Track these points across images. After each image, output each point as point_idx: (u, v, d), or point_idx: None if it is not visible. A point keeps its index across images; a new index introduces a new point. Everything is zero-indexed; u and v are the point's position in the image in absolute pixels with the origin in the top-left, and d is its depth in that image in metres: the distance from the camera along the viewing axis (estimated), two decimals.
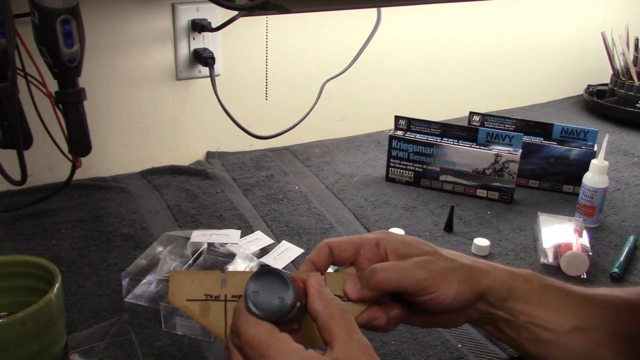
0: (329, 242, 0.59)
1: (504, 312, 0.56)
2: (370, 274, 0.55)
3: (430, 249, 0.57)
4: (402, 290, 0.55)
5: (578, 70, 1.71)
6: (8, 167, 0.92)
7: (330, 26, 1.28)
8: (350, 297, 0.56)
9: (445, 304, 0.54)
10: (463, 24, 1.46)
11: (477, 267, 0.56)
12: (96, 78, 1.08)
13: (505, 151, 1.07)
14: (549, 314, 0.55)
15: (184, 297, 0.55)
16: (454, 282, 0.54)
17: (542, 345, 0.56)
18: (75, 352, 0.67)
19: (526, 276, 0.57)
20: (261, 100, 1.25)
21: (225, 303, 0.55)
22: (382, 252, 0.58)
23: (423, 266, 0.54)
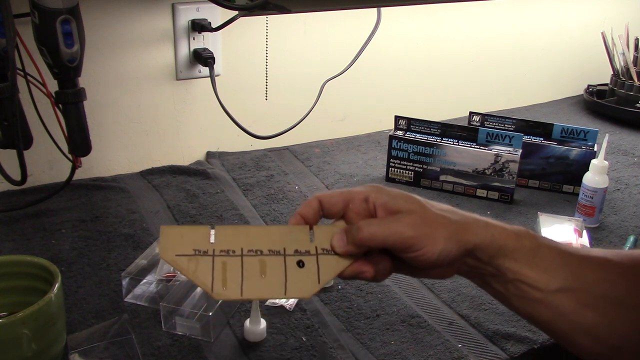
0: (319, 195, 0.59)
1: (492, 268, 0.56)
2: (356, 231, 0.55)
3: (419, 204, 0.56)
4: (388, 247, 0.55)
5: (578, 70, 1.71)
6: (8, 167, 0.92)
7: (330, 26, 1.28)
8: (337, 252, 0.57)
9: (430, 261, 0.54)
10: (463, 24, 1.46)
11: (466, 224, 0.56)
12: (96, 78, 1.08)
13: (505, 151, 1.07)
14: (537, 272, 0.55)
15: (173, 252, 0.55)
16: (440, 239, 0.54)
17: (529, 303, 0.56)
18: (75, 352, 0.67)
19: (518, 234, 0.57)
20: (261, 100, 1.25)
21: (213, 258, 0.55)
22: (371, 207, 0.58)
23: (409, 224, 0.54)
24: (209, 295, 0.54)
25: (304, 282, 0.56)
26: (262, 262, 0.56)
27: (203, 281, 0.54)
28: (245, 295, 0.54)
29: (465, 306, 0.81)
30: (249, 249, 0.56)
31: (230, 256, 0.56)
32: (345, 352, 0.72)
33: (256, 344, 0.72)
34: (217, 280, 0.54)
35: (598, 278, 0.56)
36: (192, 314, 0.73)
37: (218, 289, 0.54)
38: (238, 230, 0.58)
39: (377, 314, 0.79)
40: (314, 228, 0.59)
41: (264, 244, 0.57)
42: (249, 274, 0.55)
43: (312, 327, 0.76)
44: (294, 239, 0.58)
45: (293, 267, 0.56)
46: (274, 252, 0.57)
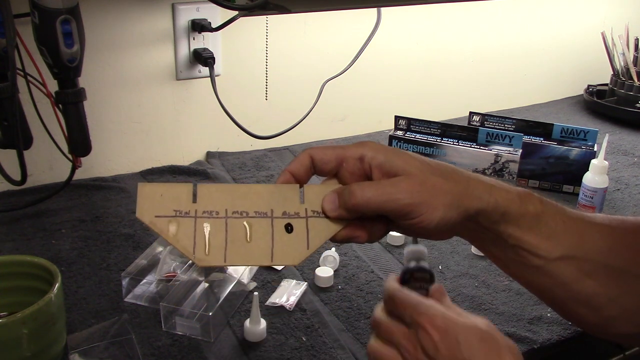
0: (310, 151, 0.55)
1: (493, 234, 0.54)
2: (349, 195, 0.51)
3: (418, 166, 0.52)
4: (383, 213, 0.52)
5: (578, 70, 1.71)
6: (8, 167, 0.92)
7: (330, 26, 1.28)
8: (328, 215, 0.53)
9: (428, 229, 0.51)
10: (463, 24, 1.46)
11: (468, 190, 0.52)
12: (96, 78, 1.08)
13: (505, 151, 1.07)
14: (539, 239, 0.53)
15: (152, 213, 0.51)
16: (439, 207, 0.50)
17: (527, 269, 0.54)
18: (75, 352, 0.67)
19: (523, 198, 0.54)
20: (261, 100, 1.25)
21: (195, 220, 0.51)
22: (367, 167, 0.54)
23: (407, 189, 0.50)
24: (191, 260, 0.51)
25: (292, 247, 0.52)
26: (247, 225, 0.52)
27: (184, 245, 0.50)
28: (229, 262, 0.51)
29: (465, 306, 0.81)
30: (234, 210, 0.52)
31: (214, 218, 0.52)
32: (345, 352, 0.72)
33: (256, 344, 0.72)
34: (199, 244, 0.51)
35: (601, 247, 0.54)
36: (192, 314, 0.73)
37: (200, 254, 0.50)
38: (222, 189, 0.54)
39: None
40: (304, 187, 0.54)
41: (250, 204, 0.53)
42: (233, 238, 0.51)
43: (312, 327, 0.76)
44: (283, 199, 0.54)
45: (281, 231, 0.52)
46: (261, 214, 0.53)
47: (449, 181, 0.52)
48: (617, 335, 0.56)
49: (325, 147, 0.55)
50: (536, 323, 0.78)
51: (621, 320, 0.54)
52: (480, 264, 0.91)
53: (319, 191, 0.54)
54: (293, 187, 0.54)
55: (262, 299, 0.79)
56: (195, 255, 0.50)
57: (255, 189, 0.54)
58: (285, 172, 0.55)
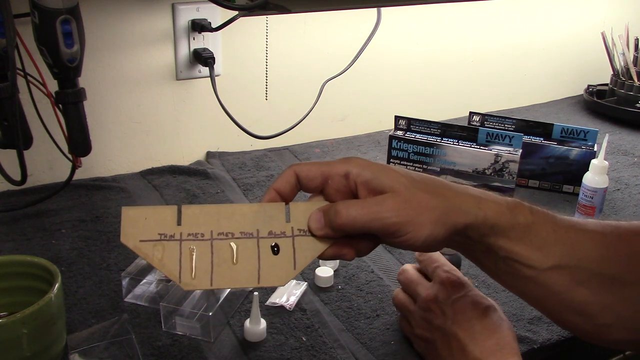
0: (295, 168, 0.55)
1: (483, 246, 0.53)
2: (334, 214, 0.51)
3: (404, 183, 0.51)
4: (369, 232, 0.51)
5: (578, 70, 1.71)
6: (8, 167, 0.92)
7: (330, 26, 1.28)
8: (314, 234, 0.53)
9: (416, 246, 0.51)
10: (463, 24, 1.46)
11: (455, 205, 0.52)
12: (96, 78, 1.08)
13: (505, 151, 1.07)
14: (530, 250, 0.52)
15: (136, 237, 0.50)
16: (426, 224, 0.50)
17: (519, 280, 0.54)
18: (75, 352, 0.67)
19: (513, 209, 0.53)
20: (261, 100, 1.25)
21: (181, 243, 0.51)
22: (352, 185, 0.53)
23: (392, 207, 0.50)
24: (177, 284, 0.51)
25: (279, 268, 0.52)
26: (233, 246, 0.52)
27: (170, 270, 0.50)
28: (215, 285, 0.51)
29: None
30: (220, 232, 0.52)
31: (199, 240, 0.51)
32: (345, 352, 0.72)
33: (256, 344, 0.72)
34: (185, 268, 0.50)
35: (594, 255, 0.53)
36: (192, 314, 0.73)
37: (186, 279, 0.50)
38: (207, 210, 0.53)
39: (377, 314, 0.79)
40: (290, 205, 0.54)
41: (235, 225, 0.52)
42: (219, 261, 0.51)
43: (312, 327, 0.76)
44: (268, 218, 0.53)
45: (267, 251, 0.52)
46: (247, 235, 0.52)
47: (436, 197, 0.51)
48: (612, 342, 0.56)
49: (311, 164, 0.55)
50: (536, 323, 0.78)
51: (616, 327, 0.54)
52: None
53: (305, 209, 0.54)
54: (278, 206, 0.54)
55: (262, 299, 0.79)
56: (182, 280, 0.50)
57: (240, 209, 0.54)
58: (271, 189, 0.55)
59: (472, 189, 0.54)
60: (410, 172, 0.53)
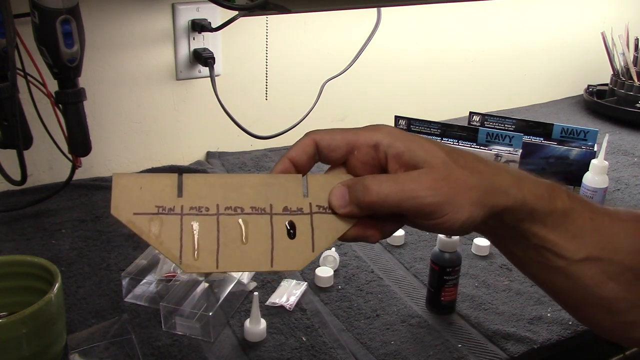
0: (315, 135, 0.48)
1: (516, 232, 0.48)
2: (363, 191, 0.45)
3: (442, 157, 0.45)
4: (400, 212, 0.45)
5: (578, 70, 1.71)
6: (8, 167, 0.92)
7: (330, 26, 1.28)
8: (336, 211, 0.47)
9: (452, 230, 0.45)
10: (463, 24, 1.46)
11: (495, 184, 0.46)
12: (96, 78, 1.08)
13: (505, 151, 1.07)
14: (564, 239, 0.48)
15: (130, 210, 0.44)
16: (465, 205, 0.44)
17: (548, 271, 0.49)
18: (75, 352, 0.67)
19: (552, 193, 0.48)
20: (261, 100, 1.25)
21: (182, 217, 0.44)
22: (382, 157, 0.47)
23: (429, 185, 0.44)
24: (177, 266, 0.44)
25: (295, 250, 0.45)
26: (243, 224, 0.45)
27: (169, 248, 0.43)
28: (222, 267, 0.44)
29: (465, 306, 0.81)
30: (227, 206, 0.46)
31: (203, 215, 0.45)
32: (345, 352, 0.72)
33: (256, 344, 0.72)
34: (186, 247, 0.44)
35: (628, 247, 0.49)
36: (192, 314, 0.73)
37: (188, 260, 0.44)
38: (213, 180, 0.46)
39: (377, 314, 0.79)
40: (307, 178, 0.48)
41: (245, 199, 0.46)
42: (226, 240, 0.45)
43: (312, 327, 0.76)
44: (283, 192, 0.47)
45: (282, 230, 0.46)
46: (259, 210, 0.46)
47: (475, 174, 0.45)
48: (636, 340, 0.52)
49: (333, 131, 0.48)
50: (536, 323, 0.78)
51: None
52: (480, 264, 0.91)
53: (325, 183, 0.47)
54: (295, 178, 0.47)
55: (262, 299, 0.79)
56: (183, 261, 0.43)
57: (251, 180, 0.47)
58: (285, 159, 0.48)
59: (510, 167, 0.49)
60: (448, 145, 0.47)
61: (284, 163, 0.48)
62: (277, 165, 0.48)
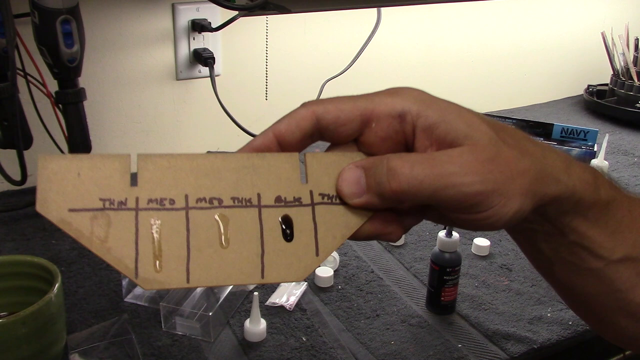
0: (316, 109, 0.36)
1: (553, 227, 0.39)
2: (388, 176, 0.34)
3: (487, 132, 0.35)
4: (436, 204, 0.35)
5: (578, 70, 1.71)
6: (8, 167, 0.92)
7: (330, 26, 1.28)
8: (347, 201, 0.35)
9: (495, 227, 0.35)
10: (463, 24, 1.46)
11: (547, 169, 0.36)
12: (96, 78, 1.08)
13: None
14: (604, 235, 0.39)
15: (63, 205, 0.32)
16: (515, 195, 0.34)
17: (580, 272, 0.41)
18: (75, 352, 0.67)
19: (596, 180, 0.39)
20: (261, 100, 1.25)
21: (137, 214, 0.33)
22: (408, 130, 0.36)
23: (477, 170, 0.33)
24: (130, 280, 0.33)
25: (293, 254, 0.34)
26: (222, 221, 0.34)
27: (120, 257, 0.32)
28: (194, 281, 0.32)
29: (465, 306, 0.81)
30: (199, 197, 0.34)
31: (167, 210, 0.33)
32: (345, 352, 0.72)
33: (256, 344, 0.72)
34: (144, 255, 0.32)
35: None
36: (192, 314, 0.73)
37: (147, 272, 0.32)
38: (179, 162, 0.35)
39: (377, 314, 0.79)
40: (306, 157, 0.37)
41: (224, 186, 0.34)
42: (200, 243, 0.33)
43: (312, 327, 0.76)
44: (275, 176, 0.35)
45: (274, 228, 0.34)
46: (242, 202, 0.34)
47: (525, 156, 0.35)
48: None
49: (339, 100, 0.37)
50: (536, 323, 0.78)
51: None
52: (480, 264, 0.91)
53: (330, 164, 0.36)
54: (289, 158, 0.36)
55: (262, 299, 0.79)
56: (139, 274, 0.32)
57: (230, 161, 0.36)
58: (268, 133, 0.36)
59: (553, 146, 0.40)
60: (484, 115, 0.37)
61: (265, 138, 0.36)
62: (255, 140, 0.36)
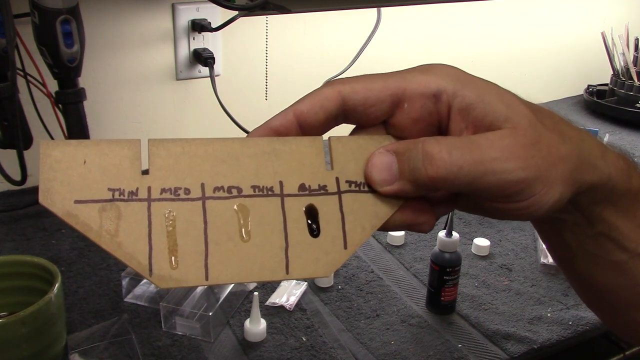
0: (342, 88, 0.34)
1: (583, 217, 0.37)
2: (424, 161, 0.31)
3: (527, 115, 0.33)
4: (474, 191, 0.32)
5: (578, 70, 1.71)
6: (8, 167, 0.92)
7: (330, 26, 1.28)
8: (377, 189, 0.33)
9: (535, 216, 0.33)
10: (463, 23, 1.46)
11: (585, 155, 0.34)
12: (96, 78, 1.08)
13: None
14: (631, 227, 0.37)
15: (69, 196, 0.30)
16: (557, 182, 0.32)
17: (603, 265, 0.39)
18: (75, 352, 0.67)
19: (629, 167, 0.37)
20: (261, 100, 1.25)
21: (150, 205, 0.30)
22: (443, 111, 0.33)
23: (519, 155, 0.31)
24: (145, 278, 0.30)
25: (319, 247, 0.32)
26: (241, 212, 0.31)
27: (132, 253, 0.30)
28: (213, 278, 0.30)
29: (465, 306, 0.81)
30: (217, 186, 0.31)
31: (182, 200, 0.31)
32: (345, 352, 0.72)
33: (256, 344, 0.72)
34: (158, 250, 0.30)
35: None
36: (192, 314, 0.73)
37: (162, 269, 0.30)
38: (194, 148, 0.32)
39: (377, 314, 0.79)
40: (331, 141, 0.34)
41: (243, 174, 0.32)
42: (218, 236, 0.31)
43: (312, 327, 0.76)
44: (297, 162, 0.33)
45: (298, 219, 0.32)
46: (264, 191, 0.32)
47: (566, 140, 0.33)
48: None
49: (368, 78, 0.35)
50: (536, 323, 0.78)
51: None
52: (480, 264, 0.91)
53: (357, 148, 0.34)
54: (313, 142, 0.34)
55: (262, 299, 0.79)
56: (154, 271, 0.29)
57: (250, 146, 0.33)
58: (288, 112, 0.34)
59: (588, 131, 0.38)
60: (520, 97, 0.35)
61: (284, 118, 0.34)
62: (273, 120, 0.34)
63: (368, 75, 0.35)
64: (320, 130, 0.35)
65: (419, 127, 0.34)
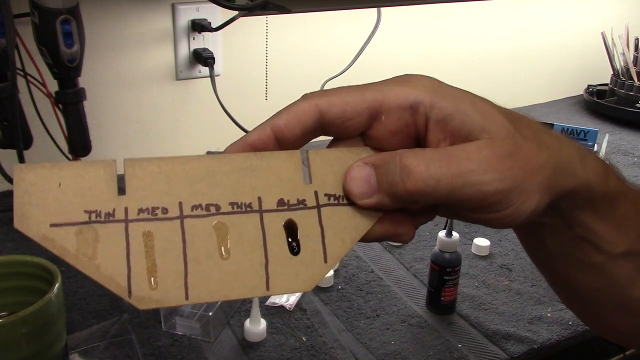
0: (320, 102, 0.34)
1: (563, 221, 0.38)
2: (402, 174, 0.31)
3: (504, 124, 0.33)
4: (453, 203, 0.32)
5: (578, 70, 1.71)
6: (8, 167, 0.92)
7: (330, 26, 1.28)
8: (356, 202, 0.33)
9: (513, 225, 0.34)
10: (463, 23, 1.46)
11: (564, 162, 0.34)
12: (96, 78, 1.08)
13: None
14: (608, 229, 0.38)
15: (45, 220, 0.29)
16: (535, 191, 0.32)
17: (580, 268, 0.40)
18: (75, 352, 0.67)
19: (606, 171, 0.37)
20: (261, 100, 1.25)
21: (127, 226, 0.30)
22: (420, 123, 0.34)
23: (496, 167, 0.31)
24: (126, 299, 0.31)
25: (299, 262, 0.32)
26: (220, 229, 0.31)
27: (110, 275, 0.30)
28: (194, 297, 0.30)
29: (465, 306, 0.81)
30: (195, 204, 0.31)
31: (160, 220, 0.31)
32: (345, 352, 0.72)
33: (256, 344, 0.72)
34: (137, 271, 0.30)
35: None
36: (192, 314, 0.73)
37: (141, 289, 0.30)
38: (170, 166, 0.32)
39: (377, 314, 0.79)
40: (309, 154, 0.34)
41: (220, 191, 0.32)
42: (197, 254, 0.31)
43: (312, 327, 0.76)
44: (275, 177, 0.33)
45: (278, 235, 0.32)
46: (242, 208, 0.32)
47: (543, 149, 0.33)
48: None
49: (344, 91, 0.34)
50: (536, 323, 0.78)
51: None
52: (480, 264, 0.91)
53: (335, 161, 0.34)
54: (290, 156, 0.34)
55: (262, 299, 0.79)
56: (133, 292, 0.30)
57: (226, 163, 0.33)
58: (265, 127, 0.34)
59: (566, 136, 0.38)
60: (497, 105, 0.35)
61: (261, 133, 0.34)
62: (250, 135, 0.34)
63: (345, 88, 0.35)
64: (298, 144, 0.35)
65: (397, 138, 0.35)
